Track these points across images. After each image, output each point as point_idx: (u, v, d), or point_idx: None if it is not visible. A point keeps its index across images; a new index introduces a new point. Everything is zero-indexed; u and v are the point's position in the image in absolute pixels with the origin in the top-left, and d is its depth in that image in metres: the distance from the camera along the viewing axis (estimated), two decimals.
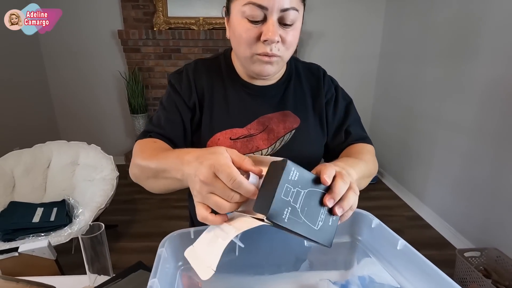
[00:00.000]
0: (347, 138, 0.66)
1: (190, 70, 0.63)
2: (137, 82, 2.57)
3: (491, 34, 1.57)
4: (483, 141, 1.62)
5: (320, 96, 0.66)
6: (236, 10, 0.51)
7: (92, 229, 0.57)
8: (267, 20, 0.49)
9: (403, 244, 0.42)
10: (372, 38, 2.76)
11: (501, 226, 1.51)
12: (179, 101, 0.61)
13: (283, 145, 0.63)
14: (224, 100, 0.62)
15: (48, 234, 1.36)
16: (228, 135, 0.61)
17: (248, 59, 0.54)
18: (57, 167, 1.67)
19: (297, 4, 0.50)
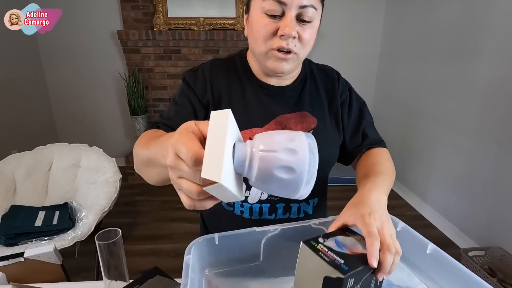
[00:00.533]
0: (364, 140, 0.66)
1: (206, 69, 0.63)
2: (137, 83, 2.55)
3: (492, 34, 1.58)
4: (485, 140, 1.63)
5: (336, 97, 0.66)
6: (256, 6, 0.53)
7: (109, 234, 0.56)
8: (285, 16, 0.50)
9: (432, 248, 0.42)
10: (372, 38, 2.77)
11: (504, 224, 1.52)
12: (193, 97, 0.61)
13: None
14: (242, 100, 0.62)
15: (51, 238, 1.33)
16: (247, 135, 0.60)
17: (264, 55, 0.54)
18: (59, 169, 1.65)
19: (315, 3, 0.51)
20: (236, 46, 2.59)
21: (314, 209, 0.68)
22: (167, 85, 2.70)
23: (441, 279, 0.41)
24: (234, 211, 0.66)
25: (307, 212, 0.67)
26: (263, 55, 0.55)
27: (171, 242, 1.84)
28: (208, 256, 0.43)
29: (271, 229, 0.45)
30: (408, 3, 2.35)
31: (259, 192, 0.62)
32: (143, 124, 2.66)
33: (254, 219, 0.64)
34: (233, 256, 0.45)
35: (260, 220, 0.64)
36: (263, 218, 0.64)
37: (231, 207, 0.66)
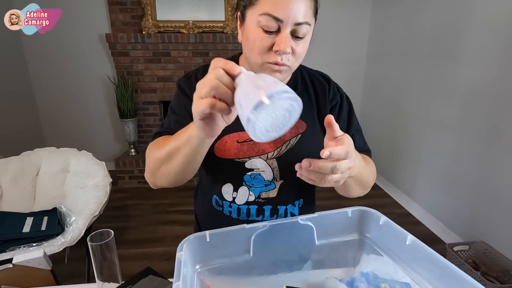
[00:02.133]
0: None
1: (199, 75, 0.65)
2: (126, 86, 2.54)
3: (473, 37, 1.64)
4: (468, 139, 1.69)
5: (325, 103, 0.67)
6: (251, 18, 0.53)
7: (101, 236, 0.56)
8: (281, 32, 0.51)
9: (411, 239, 0.44)
10: (359, 40, 2.84)
11: (487, 220, 1.58)
12: (189, 104, 0.61)
13: (289, 149, 0.64)
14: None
15: (40, 243, 1.31)
16: (235, 138, 0.62)
17: (259, 66, 0.56)
18: (47, 174, 1.63)
19: (310, 19, 0.52)
20: (226, 49, 2.61)
21: (300, 210, 0.70)
22: (157, 88, 2.70)
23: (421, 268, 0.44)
24: (223, 211, 0.68)
25: (294, 214, 0.69)
26: (258, 66, 0.56)
27: (163, 245, 1.84)
28: (199, 253, 0.44)
29: (260, 226, 0.47)
30: (392, 7, 2.43)
31: (246, 194, 0.64)
32: (132, 128, 2.65)
33: (242, 219, 0.66)
34: (224, 253, 0.47)
35: (248, 221, 0.66)
36: (251, 219, 0.66)
37: (220, 207, 0.68)
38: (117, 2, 2.52)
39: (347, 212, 0.50)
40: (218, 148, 0.63)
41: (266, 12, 0.50)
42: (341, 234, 0.52)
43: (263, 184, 0.64)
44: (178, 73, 2.65)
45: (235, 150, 0.62)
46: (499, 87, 1.49)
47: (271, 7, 0.50)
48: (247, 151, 0.63)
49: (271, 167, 0.64)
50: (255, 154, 0.63)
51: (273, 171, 0.64)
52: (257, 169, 0.63)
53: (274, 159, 0.64)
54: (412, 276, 0.45)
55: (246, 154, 0.63)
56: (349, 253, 0.56)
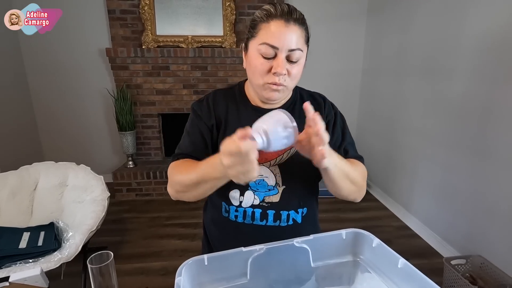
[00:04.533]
0: (345, 155, 0.73)
1: (210, 99, 0.75)
2: (125, 99, 2.56)
3: (464, 53, 1.69)
4: (461, 154, 1.72)
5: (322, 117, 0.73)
6: (253, 47, 0.64)
7: (101, 258, 0.57)
8: (277, 57, 0.62)
9: (403, 262, 0.46)
10: (354, 54, 2.90)
11: (483, 234, 1.59)
12: (202, 125, 0.72)
13: (290, 156, 0.71)
14: (238, 121, 0.72)
15: (36, 260, 1.31)
16: None
17: (260, 86, 0.66)
18: (45, 189, 1.63)
19: (302, 46, 0.63)
20: (224, 63, 2.65)
21: (303, 219, 0.73)
22: (156, 101, 2.73)
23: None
24: (229, 217, 0.72)
25: (296, 220, 0.72)
26: (260, 87, 0.66)
27: (160, 260, 1.82)
28: (198, 277, 0.45)
29: (257, 249, 0.48)
30: (386, 23, 2.50)
31: (251, 197, 0.71)
32: (131, 140, 2.66)
33: (247, 223, 0.71)
34: (222, 276, 0.48)
35: (252, 225, 0.71)
36: (255, 223, 0.71)
37: (227, 212, 0.73)
38: (117, 17, 2.57)
39: (341, 234, 0.51)
40: None
41: (265, 41, 0.61)
42: (336, 256, 0.53)
43: (266, 189, 0.71)
44: (177, 86, 2.69)
45: None
46: (490, 101, 1.53)
47: (269, 37, 0.61)
48: None
49: (273, 173, 0.71)
50: (259, 162, 0.67)
51: (275, 176, 0.71)
52: (261, 175, 0.70)
53: (276, 166, 0.71)
54: None
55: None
56: (344, 272, 0.57)
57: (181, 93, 2.71)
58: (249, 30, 0.66)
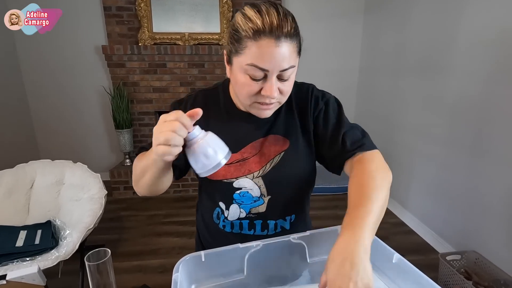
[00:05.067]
0: (344, 146, 0.63)
1: (190, 101, 0.69)
2: (122, 97, 2.55)
3: (460, 51, 1.70)
4: (457, 151, 1.73)
5: (307, 115, 0.67)
6: (238, 65, 0.55)
7: (98, 255, 0.57)
8: (267, 80, 0.54)
9: (398, 257, 0.46)
10: (351, 53, 2.90)
11: (478, 230, 1.61)
12: None
13: (273, 167, 0.66)
14: (220, 128, 0.63)
15: (33, 258, 1.30)
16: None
17: (248, 105, 0.60)
18: (41, 187, 1.62)
19: (294, 61, 0.55)
20: (221, 60, 2.65)
21: (291, 225, 0.71)
22: (153, 99, 2.72)
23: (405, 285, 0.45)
24: (219, 225, 0.71)
25: (284, 228, 0.71)
26: (248, 105, 0.60)
27: (158, 258, 1.83)
28: (195, 273, 0.46)
29: (253, 245, 0.49)
30: (383, 21, 2.50)
31: (237, 211, 0.67)
32: (128, 138, 2.65)
33: (235, 233, 0.69)
34: (219, 272, 0.48)
35: (241, 234, 0.69)
36: (243, 233, 0.69)
37: (218, 219, 0.71)
38: (113, 14, 2.56)
39: (337, 230, 0.52)
40: None
41: (253, 63, 0.52)
42: None
43: (252, 201, 0.67)
44: (174, 84, 2.68)
45: (223, 172, 0.65)
46: (486, 99, 1.54)
47: (257, 59, 0.52)
48: (234, 172, 0.65)
49: (257, 185, 0.66)
50: (242, 174, 0.66)
51: (260, 188, 0.66)
52: (245, 187, 0.66)
53: (260, 178, 0.66)
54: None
55: (234, 174, 0.65)
56: None
57: (178, 91, 2.70)
58: (232, 42, 0.56)
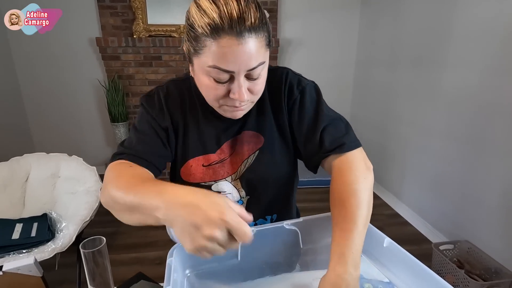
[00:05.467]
0: (321, 146, 0.57)
1: (162, 94, 0.60)
2: (117, 90, 2.53)
3: (457, 43, 1.71)
4: (453, 143, 1.75)
5: (281, 107, 0.61)
6: (199, 67, 0.49)
7: (94, 243, 0.58)
8: (235, 81, 0.48)
9: (388, 241, 0.47)
10: (348, 45, 2.90)
11: (471, 220, 1.64)
12: (153, 122, 0.59)
13: (247, 168, 0.62)
14: (197, 128, 0.61)
15: (30, 250, 1.31)
16: (201, 162, 0.61)
17: (217, 108, 0.54)
18: (37, 180, 1.61)
19: (263, 57, 0.48)
20: None
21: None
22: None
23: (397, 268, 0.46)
24: None
25: None
26: (217, 108, 0.54)
27: (155, 250, 1.84)
28: (189, 258, 0.46)
29: None
30: (380, 13, 2.49)
31: None
32: (123, 131, 2.64)
33: None
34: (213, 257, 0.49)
35: None
36: None
37: None
38: (107, 6, 2.52)
39: (329, 216, 0.52)
40: (184, 172, 0.62)
41: (215, 65, 0.46)
42: (325, 238, 0.54)
43: None
44: (170, 77, 2.66)
45: (201, 174, 0.61)
46: (481, 92, 1.55)
47: (219, 60, 0.45)
48: (212, 175, 0.62)
49: (236, 188, 0.63)
50: (221, 178, 0.62)
51: (239, 191, 0.63)
52: (224, 192, 0.62)
53: (238, 180, 0.62)
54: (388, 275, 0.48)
55: (212, 177, 0.62)
56: None
57: None
58: (189, 40, 0.48)
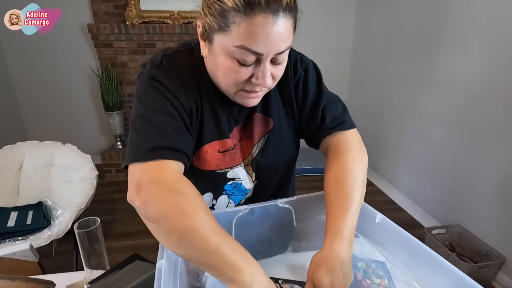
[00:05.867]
0: (323, 122, 0.58)
1: (176, 67, 0.51)
2: (111, 78, 2.49)
3: (454, 29, 1.70)
4: (447, 130, 1.76)
5: (288, 86, 0.59)
6: (222, 45, 0.44)
7: (88, 223, 0.58)
8: (260, 64, 0.45)
9: (381, 217, 0.48)
10: (344, 32, 2.87)
11: (463, 205, 1.67)
12: (176, 101, 0.49)
13: (258, 152, 0.60)
14: (210, 107, 0.55)
15: (26, 237, 1.31)
16: (216, 148, 0.57)
17: (233, 93, 0.50)
18: (31, 168, 1.60)
19: (291, 41, 0.45)
20: None
21: None
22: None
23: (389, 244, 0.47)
24: None
25: None
26: (232, 93, 0.50)
27: (153, 237, 1.82)
28: None
29: (241, 209, 0.49)
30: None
31: (226, 202, 0.62)
32: (118, 121, 2.61)
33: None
34: None
35: None
36: None
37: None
38: None
39: (323, 194, 0.53)
40: (197, 159, 0.57)
41: (243, 45, 0.42)
42: (318, 216, 0.55)
43: (243, 193, 0.62)
44: None
45: (217, 161, 0.57)
46: (477, 78, 1.55)
47: (249, 40, 0.42)
48: (229, 161, 0.58)
49: (249, 173, 0.61)
50: (236, 164, 0.59)
51: (251, 177, 0.61)
52: (239, 178, 0.60)
53: (249, 166, 0.61)
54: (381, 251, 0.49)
55: (228, 164, 0.58)
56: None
57: None
58: (213, 15, 0.43)
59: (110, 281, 0.52)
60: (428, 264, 0.40)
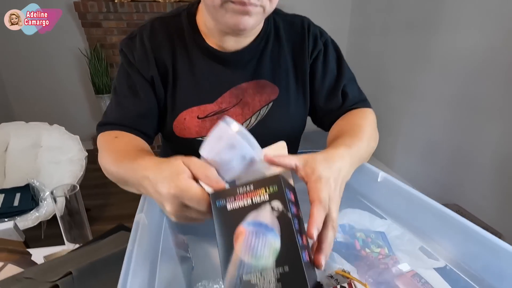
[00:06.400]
0: (345, 100, 0.57)
1: (145, 36, 0.52)
2: (100, 59, 2.40)
3: (452, 4, 1.64)
4: (444, 107, 1.73)
5: (304, 57, 0.56)
6: None
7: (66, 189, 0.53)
8: None
9: (383, 176, 0.44)
10: (341, 12, 2.79)
11: (460, 184, 1.66)
12: (135, 75, 0.52)
13: (259, 121, 0.56)
14: (189, 71, 0.53)
15: (12, 218, 1.27)
16: (195, 114, 0.54)
17: (219, 8, 0.43)
18: (17, 150, 1.55)
19: None
20: None
21: None
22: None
23: (392, 205, 0.44)
24: None
25: None
26: (219, 9, 0.43)
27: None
28: None
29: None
30: None
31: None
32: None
33: None
34: None
35: None
36: None
37: None
38: None
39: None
40: (177, 126, 0.55)
41: None
42: None
43: None
44: None
45: (197, 128, 0.54)
46: (474, 53, 1.51)
47: None
48: (210, 128, 0.51)
49: None
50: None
51: None
52: None
53: None
54: (384, 212, 0.46)
55: (210, 131, 0.56)
56: None
57: None
58: None
59: (90, 249, 0.48)
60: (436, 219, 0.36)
